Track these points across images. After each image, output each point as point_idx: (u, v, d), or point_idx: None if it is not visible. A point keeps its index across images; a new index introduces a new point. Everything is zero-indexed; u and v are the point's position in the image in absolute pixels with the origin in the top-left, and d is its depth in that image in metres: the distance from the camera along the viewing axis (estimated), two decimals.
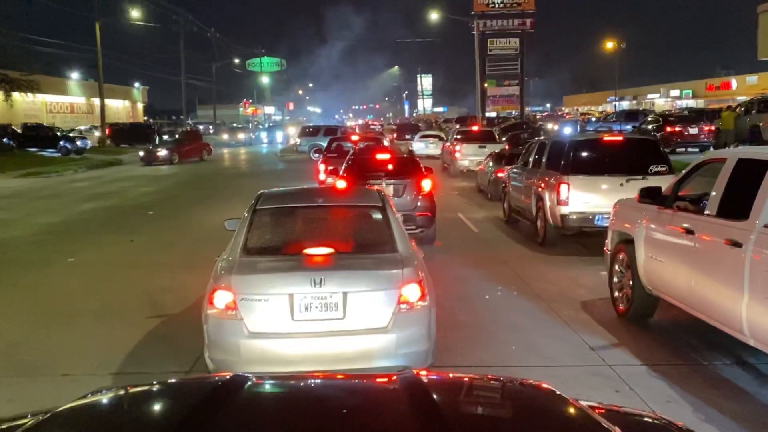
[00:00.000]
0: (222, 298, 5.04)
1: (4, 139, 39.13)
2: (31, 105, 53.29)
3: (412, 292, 5.10)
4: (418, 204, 11.27)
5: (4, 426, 1.93)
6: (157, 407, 1.89)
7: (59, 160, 35.49)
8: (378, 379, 2.28)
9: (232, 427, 1.58)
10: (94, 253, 11.83)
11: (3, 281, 9.79)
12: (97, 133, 49.90)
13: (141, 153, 35.04)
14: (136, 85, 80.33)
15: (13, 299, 8.81)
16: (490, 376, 2.23)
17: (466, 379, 2.34)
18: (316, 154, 33.42)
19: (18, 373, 6.01)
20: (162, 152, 34.60)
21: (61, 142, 40.28)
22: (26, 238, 13.59)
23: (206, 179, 26.63)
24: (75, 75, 66.07)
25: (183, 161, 34.38)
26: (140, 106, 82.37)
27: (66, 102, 64.39)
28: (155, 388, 2.01)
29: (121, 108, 75.03)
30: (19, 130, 43.14)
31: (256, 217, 5.86)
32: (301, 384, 2.08)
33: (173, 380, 2.61)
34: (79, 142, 41.01)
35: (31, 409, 4.81)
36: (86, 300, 8.57)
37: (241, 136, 60.37)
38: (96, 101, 58.46)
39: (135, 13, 50.11)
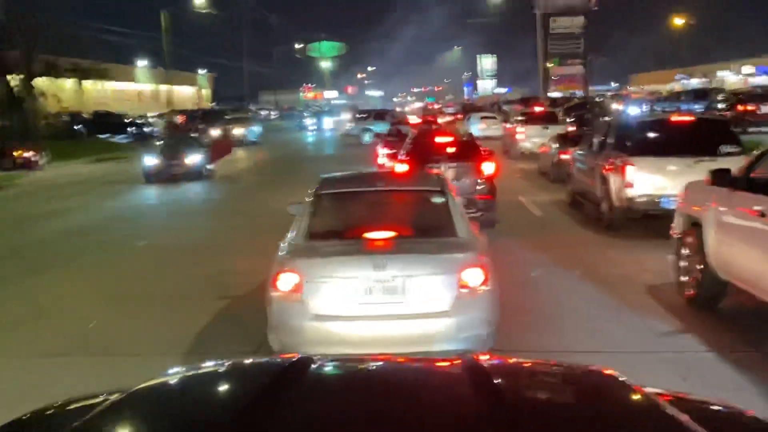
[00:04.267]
0: (287, 281, 5.14)
1: (76, 126, 40.64)
2: (101, 93, 55.06)
3: (473, 276, 5.10)
4: (479, 187, 11.19)
5: (78, 404, 2.03)
6: (227, 387, 1.96)
7: (128, 146, 36.61)
8: (439, 362, 2.30)
9: (300, 406, 1.63)
10: (163, 236, 12.22)
11: (79, 264, 10.22)
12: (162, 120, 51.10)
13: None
14: (202, 71, 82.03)
15: (88, 281, 9.19)
16: (552, 362, 2.22)
17: (528, 363, 2.34)
18: (367, 137, 33.50)
19: (94, 354, 6.28)
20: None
21: (130, 129, 41.55)
22: (100, 222, 14.12)
23: (267, 164, 27.04)
24: (142, 62, 67.89)
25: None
26: (205, 92, 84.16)
27: (133, 89, 66.28)
28: (226, 367, 2.08)
29: (188, 95, 76.78)
30: (90, 118, 44.64)
31: (318, 201, 5.94)
32: (366, 366, 2.13)
33: (243, 360, 2.70)
34: (146, 129, 42.21)
35: (106, 388, 5.02)
36: (156, 282, 8.88)
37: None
38: (163, 88, 60.00)
39: (199, 1, 51.07)
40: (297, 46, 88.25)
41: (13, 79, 40.30)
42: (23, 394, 5.35)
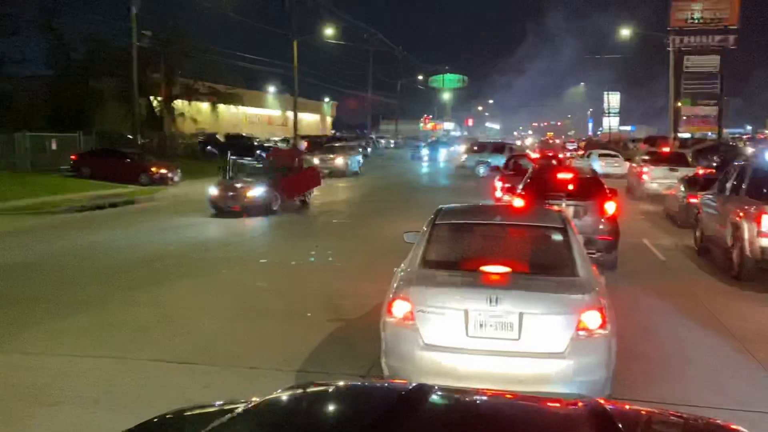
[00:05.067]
0: (400, 308, 5.19)
1: (208, 147, 42.98)
2: (234, 116, 58.02)
3: (592, 318, 4.94)
4: (600, 227, 10.85)
5: (202, 411, 2.13)
6: (345, 407, 2.00)
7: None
8: (561, 404, 2.25)
9: None
10: (282, 255, 12.64)
11: (204, 276, 10.75)
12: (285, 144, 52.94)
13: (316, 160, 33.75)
14: (326, 99, 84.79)
15: (211, 294, 9.64)
16: (674, 413, 2.12)
17: (650, 413, 2.25)
18: (482, 170, 33.20)
19: (213, 362, 6.56)
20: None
21: (258, 152, 43.44)
22: (224, 239, 14.81)
23: (380, 192, 27.43)
24: (272, 89, 70.96)
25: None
26: (329, 119, 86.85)
27: (264, 114, 69.41)
28: (342, 388, 2.13)
29: (312, 121, 79.44)
30: (222, 140, 47.08)
31: (435, 231, 5.97)
32: (489, 401, 2.11)
33: (360, 383, 2.74)
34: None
35: (224, 397, 5.23)
36: (273, 299, 9.19)
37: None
38: (290, 114, 62.49)
39: (328, 32, 52.94)
40: (419, 77, 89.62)
41: (155, 101, 43.28)
42: (145, 395, 5.68)
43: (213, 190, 18.58)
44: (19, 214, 18.59)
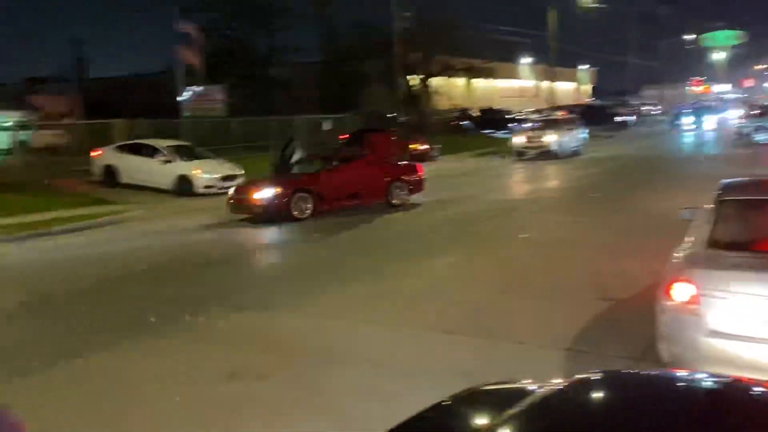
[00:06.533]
0: (681, 291, 4.87)
1: (462, 122, 43.84)
2: (486, 90, 58.37)
3: None
4: None
5: (509, 387, 2.19)
6: (667, 397, 1.90)
7: (505, 141, 38.23)
8: None
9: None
10: (542, 230, 12.54)
11: (467, 250, 11.07)
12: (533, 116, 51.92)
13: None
14: (583, 67, 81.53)
15: (474, 267, 9.89)
16: None
17: None
18: (762, 137, 29.21)
19: (480, 335, 6.73)
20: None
21: (511, 125, 43.31)
22: (482, 213, 15.08)
23: (637, 162, 25.77)
24: (524, 60, 69.91)
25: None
26: (585, 87, 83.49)
27: (515, 86, 68.80)
28: (661, 377, 2.04)
29: (568, 90, 76.93)
30: (477, 115, 47.68)
31: (721, 208, 5.48)
32: None
33: (678, 372, 2.60)
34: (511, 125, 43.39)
35: (497, 371, 5.35)
36: (537, 275, 9.16)
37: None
38: (544, 84, 61.32)
39: None
40: (687, 36, 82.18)
41: (413, 79, 45.10)
42: (421, 363, 6.03)
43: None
44: None
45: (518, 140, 29.25)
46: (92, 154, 21.18)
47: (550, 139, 28.24)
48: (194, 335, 7.22)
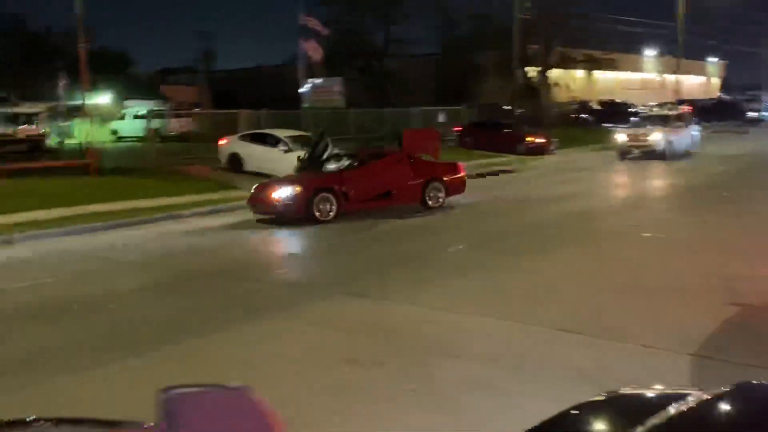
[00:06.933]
0: None
1: (582, 115, 42.59)
2: (607, 82, 56.35)
3: None
4: None
5: (636, 394, 2.14)
6: None
7: None
8: None
9: None
10: (666, 230, 12.03)
11: (583, 247, 10.79)
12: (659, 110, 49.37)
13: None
14: (713, 59, 77.02)
15: (591, 265, 9.62)
16: None
17: None
18: None
19: (601, 336, 6.52)
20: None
21: (632, 118, 41.63)
22: (602, 209, 14.63)
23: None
24: (650, 52, 66.78)
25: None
26: (714, 81, 78.85)
27: (637, 78, 65.91)
28: None
29: (696, 84, 72.92)
30: (597, 107, 46.16)
31: None
32: None
33: None
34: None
35: (619, 373, 5.21)
36: (660, 275, 8.80)
37: None
38: (670, 77, 58.45)
39: None
40: None
41: (531, 71, 44.27)
42: (538, 360, 5.95)
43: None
44: None
45: (621, 138, 26.52)
46: (219, 142, 22.20)
47: (656, 137, 25.33)
48: (313, 319, 7.45)
